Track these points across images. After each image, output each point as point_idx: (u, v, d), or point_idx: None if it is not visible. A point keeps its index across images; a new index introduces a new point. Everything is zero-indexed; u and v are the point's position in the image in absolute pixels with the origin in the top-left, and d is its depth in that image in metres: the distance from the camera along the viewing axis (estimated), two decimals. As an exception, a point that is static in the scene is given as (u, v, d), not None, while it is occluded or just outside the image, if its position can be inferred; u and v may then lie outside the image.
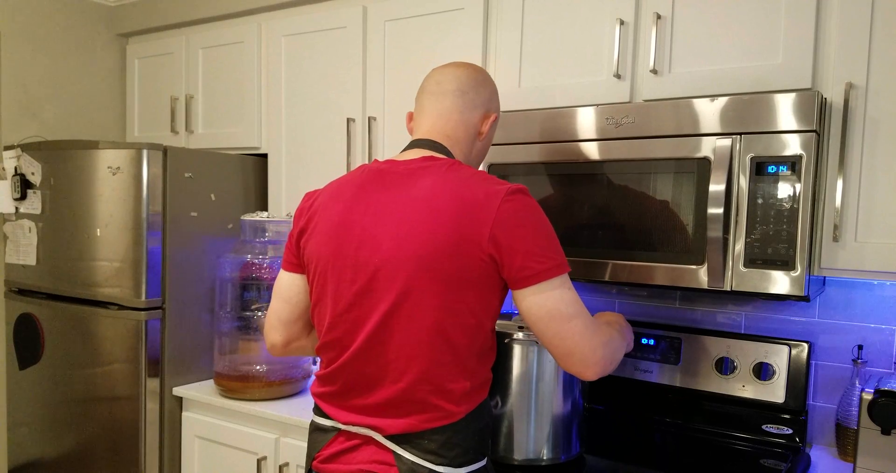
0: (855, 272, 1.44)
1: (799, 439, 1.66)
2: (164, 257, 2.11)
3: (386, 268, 1.19)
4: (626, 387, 1.88)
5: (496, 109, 1.40)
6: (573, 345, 1.17)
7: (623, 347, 1.34)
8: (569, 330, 1.17)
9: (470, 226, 1.16)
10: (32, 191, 2.32)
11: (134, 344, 2.10)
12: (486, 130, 1.36)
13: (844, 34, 1.42)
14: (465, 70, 1.36)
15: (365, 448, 1.26)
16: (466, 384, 1.22)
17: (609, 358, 1.22)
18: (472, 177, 1.22)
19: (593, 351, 1.18)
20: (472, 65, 1.38)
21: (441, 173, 1.22)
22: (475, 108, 1.34)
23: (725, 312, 1.84)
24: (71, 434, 2.26)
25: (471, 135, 1.35)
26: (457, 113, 1.33)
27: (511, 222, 1.16)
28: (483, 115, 1.36)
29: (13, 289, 2.44)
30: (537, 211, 1.20)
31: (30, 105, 2.59)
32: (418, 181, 1.22)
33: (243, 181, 2.35)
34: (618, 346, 1.29)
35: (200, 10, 2.51)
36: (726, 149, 1.43)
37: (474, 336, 1.21)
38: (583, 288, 2.04)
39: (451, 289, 1.17)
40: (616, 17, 1.67)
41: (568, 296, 1.18)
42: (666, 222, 1.52)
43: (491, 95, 1.38)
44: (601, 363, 1.20)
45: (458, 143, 1.34)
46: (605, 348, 1.21)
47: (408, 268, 1.17)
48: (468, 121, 1.34)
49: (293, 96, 2.27)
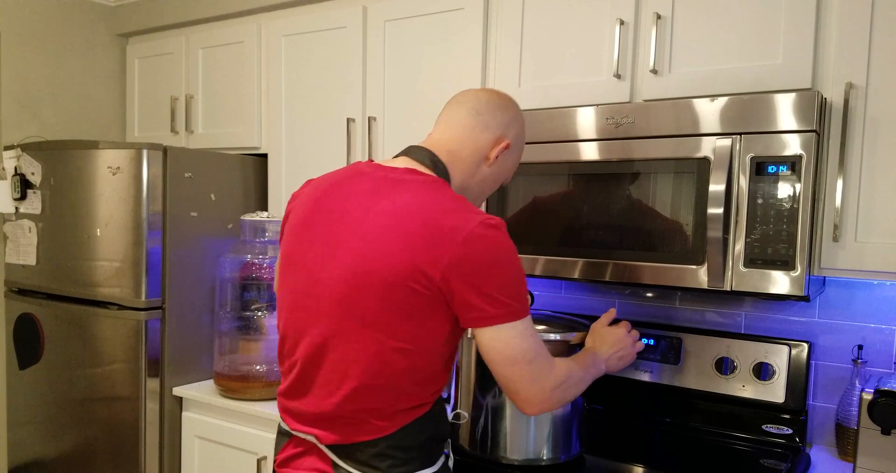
0: (855, 272, 1.44)
1: (799, 439, 1.66)
2: (164, 257, 2.11)
3: (333, 281, 1.16)
4: (626, 387, 1.88)
5: (514, 138, 1.31)
6: (519, 388, 1.18)
7: (586, 380, 1.32)
8: (516, 374, 1.17)
9: (426, 256, 1.10)
10: (32, 191, 2.32)
11: (134, 344, 2.10)
12: (493, 155, 1.28)
13: (844, 34, 1.42)
14: (489, 93, 1.32)
15: (309, 455, 1.26)
16: (400, 405, 1.19)
17: (558, 399, 1.23)
18: (448, 202, 1.15)
19: (539, 393, 1.19)
20: (501, 92, 1.34)
21: (417, 192, 1.16)
22: (487, 129, 1.27)
23: (725, 312, 1.84)
24: (71, 433, 2.26)
25: (477, 156, 1.28)
26: (467, 130, 1.27)
27: (471, 260, 1.10)
28: (495, 139, 1.28)
29: (13, 289, 2.44)
30: (505, 251, 1.13)
31: (30, 105, 2.59)
32: (391, 195, 1.17)
33: (243, 181, 2.35)
34: (575, 382, 1.27)
35: (200, 10, 2.51)
36: (726, 149, 1.43)
37: (413, 362, 1.17)
38: (583, 288, 2.05)
39: (393, 313, 1.13)
40: (616, 17, 1.67)
41: (518, 342, 1.15)
42: (666, 222, 1.52)
43: (510, 121, 1.30)
44: (546, 403, 1.21)
45: (460, 160, 1.27)
46: (555, 390, 1.21)
47: (353, 285, 1.14)
48: (476, 140, 1.27)
49: (293, 96, 2.27)
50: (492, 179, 1.32)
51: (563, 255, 1.65)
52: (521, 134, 1.34)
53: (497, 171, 1.32)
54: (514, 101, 1.34)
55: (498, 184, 1.36)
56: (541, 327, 1.53)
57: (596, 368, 1.37)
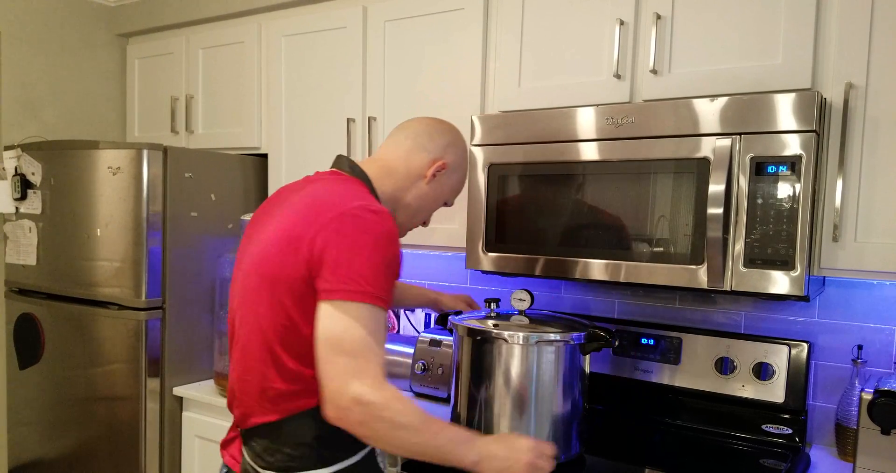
0: (855, 272, 1.44)
1: (799, 439, 1.66)
2: (164, 257, 2.12)
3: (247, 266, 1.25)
4: (626, 387, 1.88)
5: (452, 160, 1.41)
6: (324, 379, 1.09)
7: (429, 446, 1.12)
8: (329, 360, 1.08)
9: (304, 226, 1.16)
10: (32, 191, 2.32)
11: (134, 344, 2.10)
12: (430, 173, 1.38)
13: (844, 34, 1.42)
14: (430, 120, 1.43)
15: (237, 440, 1.33)
16: (282, 386, 1.19)
17: (362, 421, 1.08)
18: (342, 189, 1.23)
19: (339, 396, 1.07)
20: (442, 120, 1.45)
21: (322, 184, 1.27)
22: (424, 150, 1.38)
23: (725, 312, 1.84)
24: (71, 433, 2.26)
25: (412, 173, 1.37)
26: (405, 150, 1.38)
27: (337, 233, 1.12)
28: (432, 159, 1.38)
29: (13, 289, 2.44)
30: (374, 233, 1.13)
31: (30, 105, 2.59)
32: (303, 189, 1.27)
33: (243, 181, 2.36)
34: (407, 428, 1.09)
35: (200, 10, 2.51)
36: (726, 149, 1.43)
37: (292, 339, 1.17)
38: (583, 288, 2.05)
39: (274, 288, 1.17)
40: (616, 17, 1.67)
41: (347, 326, 1.08)
42: (665, 223, 1.52)
43: (447, 145, 1.40)
44: (344, 413, 1.08)
45: (393, 176, 1.36)
46: (365, 407, 1.06)
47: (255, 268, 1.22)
48: (413, 160, 1.37)
49: (293, 96, 2.27)
50: (432, 195, 1.41)
51: (562, 255, 1.65)
52: (461, 158, 1.44)
53: (437, 189, 1.41)
54: (454, 128, 1.45)
55: (439, 203, 1.45)
56: (541, 327, 1.53)
57: (456, 451, 1.14)
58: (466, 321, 1.59)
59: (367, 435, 1.10)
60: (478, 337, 1.54)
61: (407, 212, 1.40)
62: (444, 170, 1.40)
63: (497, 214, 1.74)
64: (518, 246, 1.71)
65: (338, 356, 1.09)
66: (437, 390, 2.00)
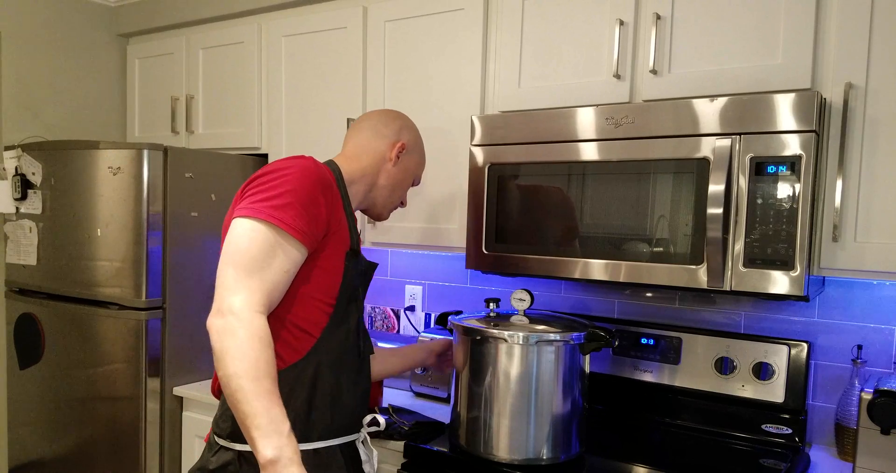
0: (854, 272, 1.44)
1: (798, 439, 1.66)
2: (164, 257, 2.12)
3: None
4: (626, 387, 1.88)
5: (409, 140, 1.53)
6: (218, 285, 1.17)
7: (246, 392, 1.08)
8: (220, 267, 1.17)
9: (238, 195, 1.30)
10: (33, 191, 2.32)
11: (134, 344, 2.10)
12: (393, 154, 1.49)
13: (844, 34, 1.42)
14: (380, 111, 1.55)
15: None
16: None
17: (218, 338, 1.11)
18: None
19: (217, 303, 1.14)
20: (390, 110, 1.57)
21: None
22: (382, 137, 1.50)
23: (725, 312, 1.84)
24: (71, 433, 2.26)
25: (378, 159, 1.49)
26: (363, 140, 1.49)
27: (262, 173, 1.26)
28: (391, 143, 1.50)
29: (13, 289, 2.44)
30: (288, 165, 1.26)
31: (30, 105, 2.59)
32: None
33: (243, 181, 2.35)
34: (236, 360, 1.09)
35: (200, 10, 2.52)
36: (726, 149, 1.43)
37: None
38: (583, 288, 2.05)
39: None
40: (616, 17, 1.67)
41: (239, 236, 1.18)
42: (665, 223, 1.52)
43: (400, 128, 1.52)
44: (214, 321, 1.13)
45: (359, 161, 1.47)
46: (225, 320, 1.11)
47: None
48: (374, 146, 1.49)
49: (293, 96, 2.28)
50: (400, 176, 1.52)
51: (562, 255, 1.65)
52: (415, 138, 1.56)
53: (402, 169, 1.53)
54: (402, 114, 1.57)
55: (408, 181, 1.56)
56: (541, 327, 1.53)
57: (263, 431, 1.07)
58: (466, 321, 1.60)
59: (216, 348, 1.12)
60: (478, 337, 1.54)
61: (383, 193, 1.51)
62: (405, 150, 1.52)
63: (497, 214, 1.74)
64: (518, 246, 1.71)
65: (224, 265, 1.17)
66: (437, 390, 2.01)
